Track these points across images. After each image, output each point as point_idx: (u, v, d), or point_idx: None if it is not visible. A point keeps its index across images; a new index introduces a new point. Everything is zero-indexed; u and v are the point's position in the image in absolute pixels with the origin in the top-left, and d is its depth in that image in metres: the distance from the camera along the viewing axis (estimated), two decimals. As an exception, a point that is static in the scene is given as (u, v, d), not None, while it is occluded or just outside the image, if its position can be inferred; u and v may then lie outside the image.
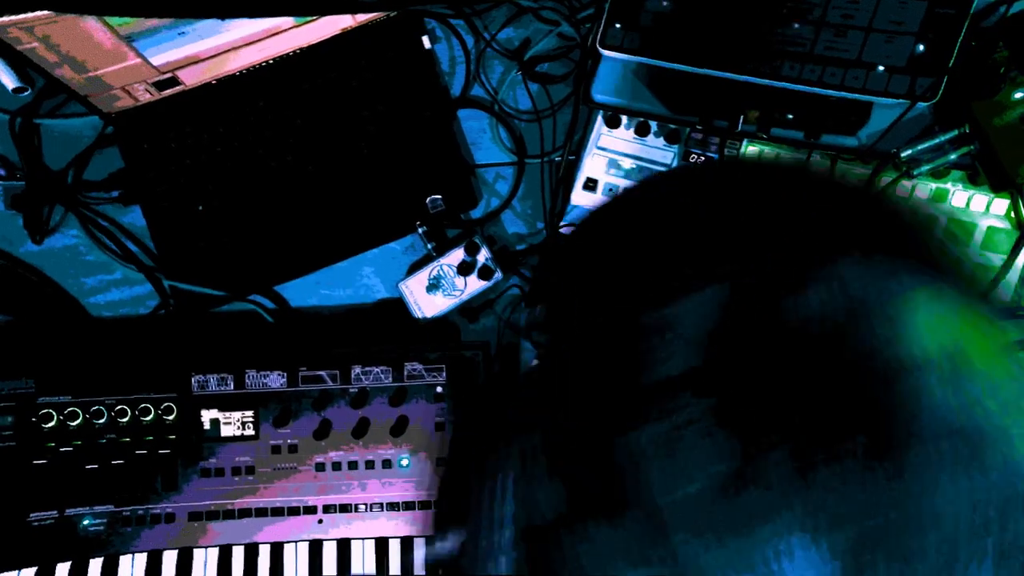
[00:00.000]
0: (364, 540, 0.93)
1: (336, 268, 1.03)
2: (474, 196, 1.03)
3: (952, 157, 0.90)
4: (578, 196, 0.99)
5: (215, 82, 1.03)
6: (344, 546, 0.93)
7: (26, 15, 0.82)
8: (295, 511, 0.93)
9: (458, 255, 1.00)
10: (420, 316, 1.00)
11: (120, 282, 1.05)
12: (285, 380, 0.95)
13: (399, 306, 1.01)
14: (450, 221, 1.02)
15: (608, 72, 0.98)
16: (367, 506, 0.94)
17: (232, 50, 0.98)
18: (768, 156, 0.94)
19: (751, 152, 0.95)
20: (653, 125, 0.97)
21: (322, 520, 0.94)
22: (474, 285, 1.00)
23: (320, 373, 0.95)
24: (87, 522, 0.92)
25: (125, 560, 0.92)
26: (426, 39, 1.03)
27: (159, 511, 0.93)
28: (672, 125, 0.97)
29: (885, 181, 0.91)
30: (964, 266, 0.78)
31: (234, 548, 0.93)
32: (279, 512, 0.93)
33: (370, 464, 0.94)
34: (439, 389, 0.95)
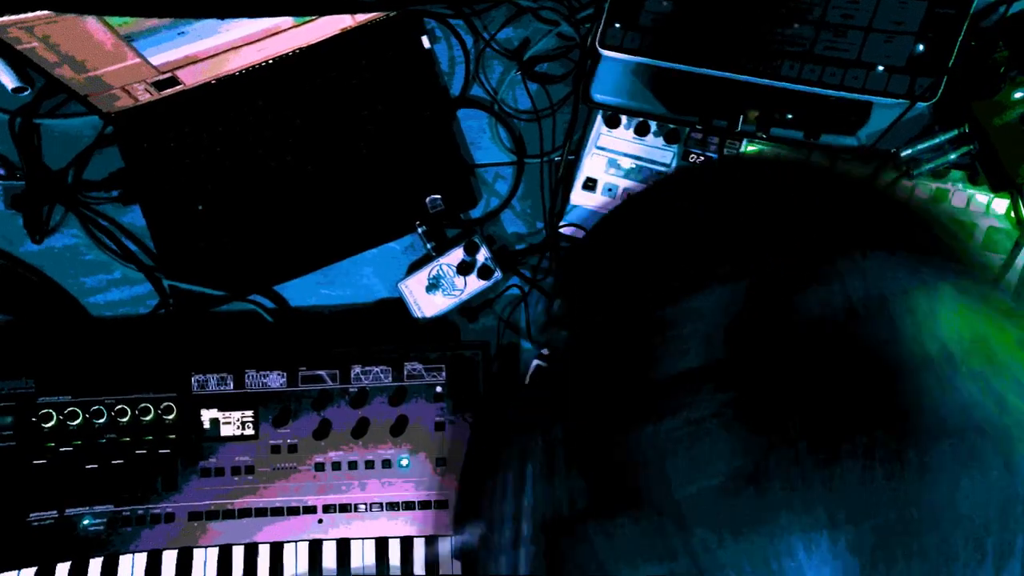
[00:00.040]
0: (364, 540, 0.93)
1: (336, 268, 1.03)
2: (473, 196, 1.03)
3: (952, 157, 0.90)
4: (577, 196, 0.99)
5: (215, 82, 1.03)
6: (344, 546, 0.93)
7: (26, 15, 0.82)
8: (295, 511, 0.94)
9: (458, 255, 1.00)
10: (420, 316, 1.00)
11: (120, 282, 1.05)
12: (285, 380, 0.95)
13: (399, 306, 1.01)
14: (449, 221, 1.02)
15: (607, 72, 0.98)
16: (367, 506, 0.94)
17: (231, 50, 0.98)
18: (769, 156, 0.94)
19: (751, 152, 0.95)
20: (653, 125, 0.97)
21: (322, 520, 0.94)
22: (474, 285, 1.00)
23: (320, 373, 0.95)
24: (87, 522, 0.93)
25: (125, 560, 0.92)
26: (425, 39, 1.03)
27: (159, 511, 0.93)
28: (671, 125, 0.97)
29: (885, 181, 0.91)
30: (981, 261, 0.78)
31: (234, 548, 0.93)
32: (279, 512, 0.93)
33: (370, 464, 0.94)
34: (439, 389, 0.95)
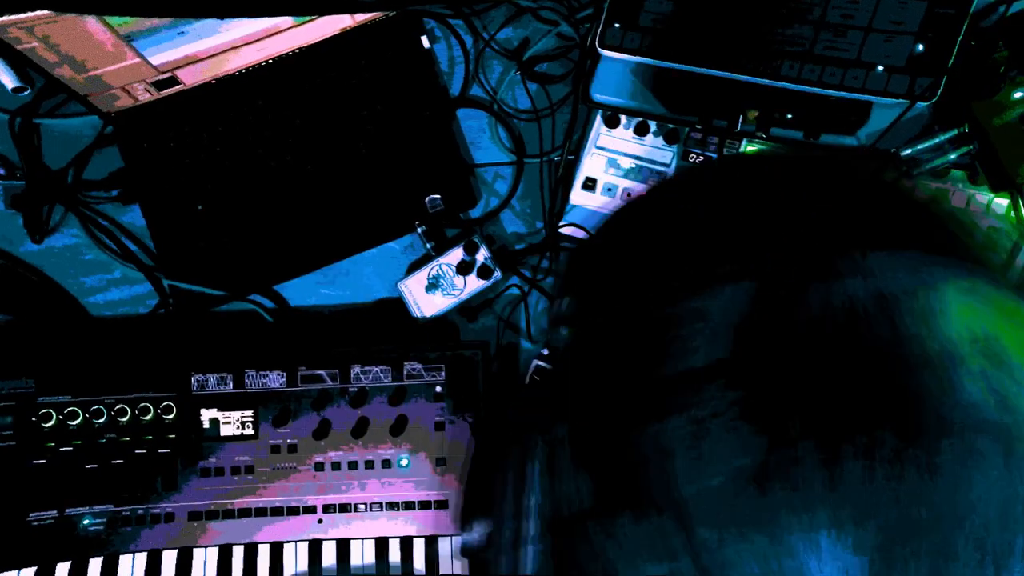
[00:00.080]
0: (363, 540, 0.93)
1: (336, 268, 1.03)
2: (473, 195, 1.03)
3: (952, 157, 0.89)
4: (577, 196, 0.99)
5: (214, 82, 1.03)
6: (343, 546, 0.93)
7: (26, 15, 0.82)
8: (295, 511, 0.94)
9: (457, 254, 1.00)
10: (419, 316, 1.01)
11: (120, 281, 1.05)
12: (284, 380, 0.95)
13: (398, 306, 1.01)
14: (449, 220, 1.02)
15: (607, 72, 0.98)
16: (366, 506, 0.94)
17: (231, 50, 0.99)
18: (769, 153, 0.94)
19: (750, 152, 0.95)
20: (652, 125, 0.97)
21: (322, 520, 0.94)
22: (473, 284, 1.00)
23: (319, 373, 0.95)
24: (87, 522, 0.93)
25: (125, 560, 0.92)
26: (425, 39, 1.03)
27: (159, 511, 0.93)
28: (671, 125, 0.97)
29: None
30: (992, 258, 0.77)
31: (234, 548, 0.93)
32: (279, 512, 0.93)
33: (369, 464, 0.94)
34: (438, 389, 0.95)
